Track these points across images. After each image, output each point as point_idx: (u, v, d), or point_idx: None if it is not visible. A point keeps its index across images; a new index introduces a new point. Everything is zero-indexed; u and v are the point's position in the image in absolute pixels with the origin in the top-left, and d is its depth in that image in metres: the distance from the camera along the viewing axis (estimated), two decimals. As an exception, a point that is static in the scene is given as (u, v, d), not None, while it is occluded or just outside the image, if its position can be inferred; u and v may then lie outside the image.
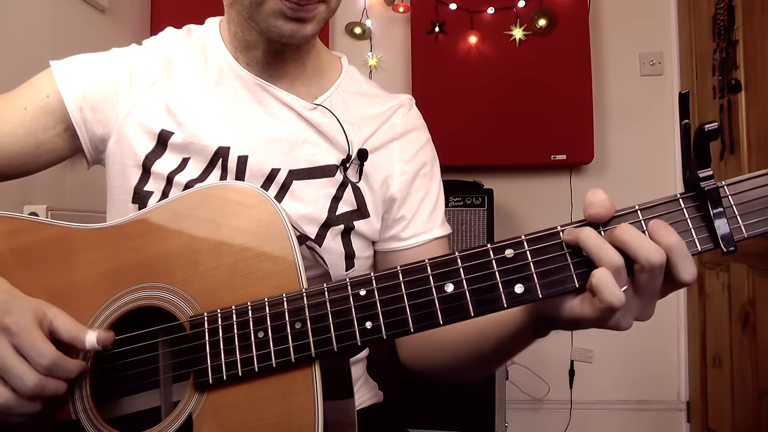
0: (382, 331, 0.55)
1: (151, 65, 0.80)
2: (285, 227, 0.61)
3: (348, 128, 0.81)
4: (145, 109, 0.78)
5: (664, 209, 0.53)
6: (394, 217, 0.84)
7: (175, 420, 0.58)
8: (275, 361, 0.56)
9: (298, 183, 0.78)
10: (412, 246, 0.84)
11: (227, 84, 0.81)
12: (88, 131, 0.79)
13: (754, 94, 1.96)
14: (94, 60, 0.81)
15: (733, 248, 0.51)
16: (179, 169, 0.76)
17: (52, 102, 0.78)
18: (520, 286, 0.53)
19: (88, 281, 0.64)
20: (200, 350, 0.58)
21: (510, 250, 0.54)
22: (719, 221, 0.51)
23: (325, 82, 0.85)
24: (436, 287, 0.55)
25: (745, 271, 1.98)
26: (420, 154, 0.86)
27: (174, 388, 0.64)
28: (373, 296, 0.56)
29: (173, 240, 0.63)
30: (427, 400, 1.97)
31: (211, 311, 0.59)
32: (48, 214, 1.58)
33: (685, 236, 0.51)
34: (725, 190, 0.52)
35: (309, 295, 0.57)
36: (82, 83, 0.78)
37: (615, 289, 0.49)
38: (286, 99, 0.80)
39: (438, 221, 0.86)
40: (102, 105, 0.79)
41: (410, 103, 0.90)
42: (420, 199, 0.85)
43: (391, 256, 0.85)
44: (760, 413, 1.86)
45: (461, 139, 2.43)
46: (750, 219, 0.52)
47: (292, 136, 0.79)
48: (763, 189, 0.52)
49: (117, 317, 0.62)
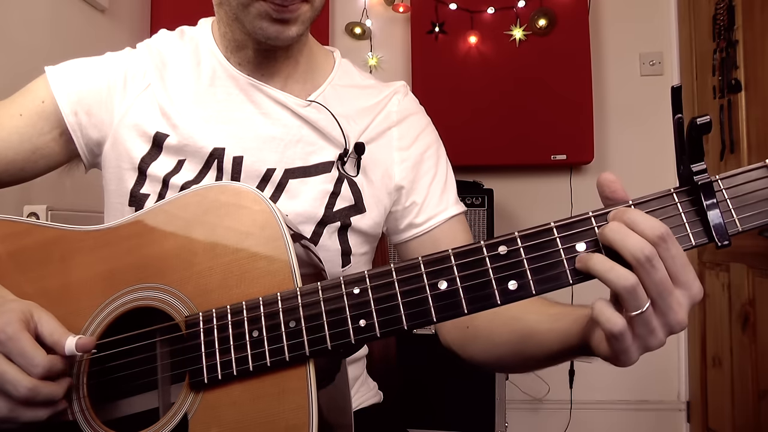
0: (376, 329, 0.56)
1: (144, 68, 0.81)
2: (279, 227, 0.61)
3: (343, 122, 0.80)
4: (139, 112, 0.79)
5: (658, 204, 0.53)
6: (405, 205, 0.84)
7: (170, 420, 0.58)
8: (270, 360, 0.56)
9: (294, 182, 0.78)
10: (430, 229, 0.83)
11: (220, 85, 0.81)
12: (83, 135, 0.80)
13: (754, 94, 1.96)
14: (89, 65, 0.81)
15: (727, 242, 0.51)
16: (175, 171, 0.77)
17: (47, 107, 0.78)
18: (514, 282, 0.53)
19: (85, 283, 0.64)
20: (195, 350, 0.58)
21: (503, 246, 0.54)
22: (713, 215, 0.51)
23: (319, 77, 0.85)
24: (429, 285, 0.55)
25: (745, 271, 1.98)
26: (421, 138, 0.86)
27: (171, 388, 0.64)
28: (366, 294, 0.56)
29: (169, 241, 0.63)
30: (428, 400, 1.97)
31: (206, 311, 0.59)
32: (48, 215, 1.58)
33: (679, 230, 0.51)
34: (719, 184, 0.52)
35: (303, 294, 0.57)
36: (76, 88, 0.79)
37: (613, 316, 0.49)
38: (280, 97, 0.80)
39: (451, 200, 0.85)
40: (97, 109, 0.79)
41: (405, 89, 0.90)
42: (429, 182, 0.84)
43: (412, 245, 0.85)
44: (760, 413, 1.86)
45: (461, 139, 2.43)
46: (744, 213, 0.51)
47: (287, 135, 0.79)
48: (757, 183, 0.52)
49: (114, 318, 0.62)
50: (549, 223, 0.54)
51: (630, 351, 0.51)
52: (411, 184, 0.84)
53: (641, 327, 0.49)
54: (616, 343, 0.50)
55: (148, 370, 0.63)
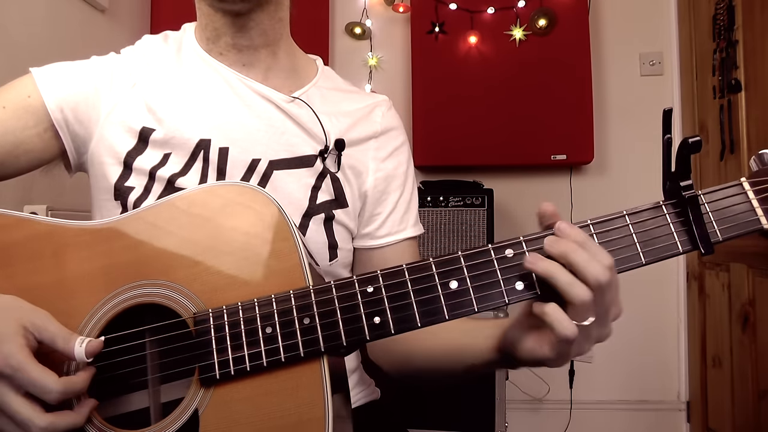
0: (390, 326, 0.58)
1: (130, 69, 0.82)
2: (288, 226, 0.62)
3: (325, 119, 0.82)
4: (125, 109, 0.79)
5: (649, 215, 0.59)
6: (371, 214, 0.86)
7: (180, 415, 0.58)
8: (284, 355, 0.57)
9: (278, 173, 0.79)
10: (386, 245, 0.86)
11: (204, 78, 0.82)
12: (70, 132, 0.80)
13: (754, 94, 1.96)
14: (75, 66, 0.82)
15: (711, 250, 0.57)
16: (161, 164, 0.77)
17: (33, 102, 0.78)
18: (521, 283, 0.58)
19: (82, 279, 0.63)
20: (206, 346, 0.58)
21: (510, 250, 0.59)
22: (698, 226, 0.58)
23: (302, 79, 0.87)
24: (441, 284, 0.58)
25: (745, 271, 1.98)
26: (396, 154, 0.88)
27: (173, 385, 0.63)
28: (380, 293, 0.58)
29: (174, 238, 0.63)
30: (427, 400, 1.97)
31: (215, 308, 0.59)
32: (48, 214, 1.58)
33: (668, 239, 0.58)
34: (702, 198, 0.59)
35: (316, 291, 0.59)
36: (62, 85, 0.79)
37: (567, 323, 0.55)
38: (263, 91, 0.82)
39: (411, 221, 0.88)
40: (83, 107, 0.79)
41: (388, 103, 0.92)
42: (396, 198, 0.87)
43: (364, 255, 0.86)
44: (760, 413, 1.86)
45: (461, 139, 2.43)
46: (724, 224, 0.59)
47: (271, 127, 0.81)
48: (733, 198, 0.59)
49: (114, 315, 0.61)
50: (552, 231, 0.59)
51: (570, 355, 0.58)
52: (380, 195, 0.86)
53: (581, 334, 0.56)
54: (564, 347, 0.57)
55: (153, 367, 0.63)
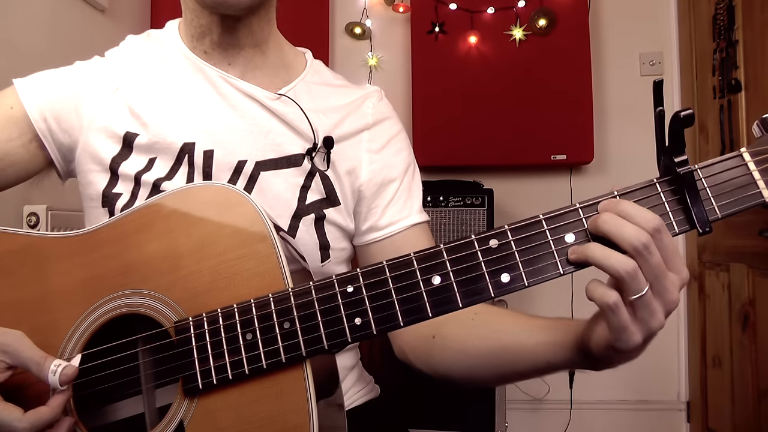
0: (372, 327, 0.56)
1: (113, 72, 0.81)
2: (266, 226, 0.60)
3: (312, 116, 0.80)
4: (108, 114, 0.78)
5: (642, 194, 0.54)
6: (369, 207, 0.83)
7: (165, 428, 0.57)
8: (265, 362, 0.56)
9: (265, 174, 0.77)
10: (391, 234, 0.82)
11: (188, 79, 0.80)
12: (54, 141, 0.79)
13: (754, 94, 1.96)
14: (57, 74, 0.81)
15: (709, 229, 0.53)
16: (146, 169, 0.76)
17: (15, 113, 0.78)
18: (506, 275, 0.54)
19: (63, 291, 0.62)
20: (188, 356, 0.58)
21: (494, 240, 0.55)
22: (695, 204, 0.53)
23: (291, 74, 0.85)
24: (423, 280, 0.55)
25: (745, 271, 1.98)
26: (392, 143, 0.86)
27: (161, 396, 0.63)
28: (360, 292, 0.56)
29: (152, 245, 0.61)
30: (427, 400, 1.97)
31: (196, 316, 0.58)
32: (48, 215, 1.59)
33: (663, 219, 0.53)
34: (698, 173, 0.54)
35: (296, 294, 0.57)
36: (44, 95, 0.78)
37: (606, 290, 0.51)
38: (248, 90, 0.79)
39: (415, 208, 0.85)
40: (66, 114, 0.78)
41: (379, 94, 0.89)
42: (395, 188, 0.84)
43: (373, 249, 0.84)
44: (760, 413, 1.86)
45: (461, 138, 2.43)
46: (723, 200, 0.54)
47: (256, 127, 0.79)
48: (733, 171, 0.54)
49: (97, 327, 0.60)
50: (538, 216, 0.55)
51: (630, 329, 0.52)
52: (377, 187, 0.83)
53: (642, 309, 0.52)
54: (614, 318, 0.52)
55: (137, 379, 0.62)
